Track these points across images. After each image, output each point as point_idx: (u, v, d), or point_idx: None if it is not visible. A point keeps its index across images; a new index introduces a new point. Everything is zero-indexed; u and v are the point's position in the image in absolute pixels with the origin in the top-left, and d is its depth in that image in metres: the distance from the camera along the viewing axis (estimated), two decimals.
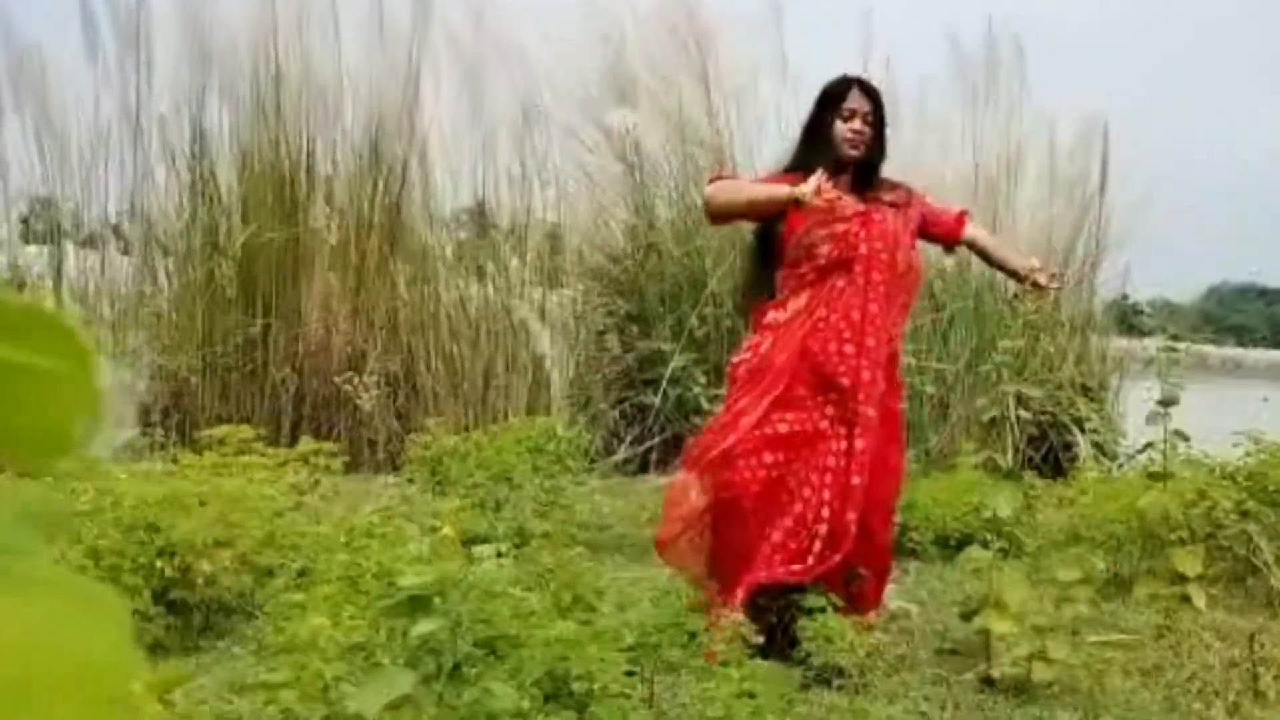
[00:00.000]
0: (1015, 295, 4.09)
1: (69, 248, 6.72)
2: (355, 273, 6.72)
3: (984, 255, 4.35)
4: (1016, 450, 6.56)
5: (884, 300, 3.80)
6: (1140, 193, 7.15)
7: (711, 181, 4.07)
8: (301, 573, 3.25)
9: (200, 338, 6.40)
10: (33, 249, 6.74)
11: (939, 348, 6.91)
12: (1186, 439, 4.66)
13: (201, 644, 3.47)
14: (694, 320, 6.73)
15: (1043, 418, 6.77)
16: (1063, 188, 7.15)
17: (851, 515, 3.68)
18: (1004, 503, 3.69)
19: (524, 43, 7.10)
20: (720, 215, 4.06)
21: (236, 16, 6.83)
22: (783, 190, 3.75)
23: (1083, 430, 6.57)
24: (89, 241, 6.79)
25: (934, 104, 7.29)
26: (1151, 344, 7.51)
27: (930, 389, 6.63)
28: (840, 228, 3.78)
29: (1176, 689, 3.63)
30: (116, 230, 6.77)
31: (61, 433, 0.40)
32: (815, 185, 3.64)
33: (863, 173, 3.88)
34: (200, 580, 3.44)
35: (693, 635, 3.00)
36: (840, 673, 3.49)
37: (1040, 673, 3.50)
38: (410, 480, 4.95)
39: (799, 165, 3.85)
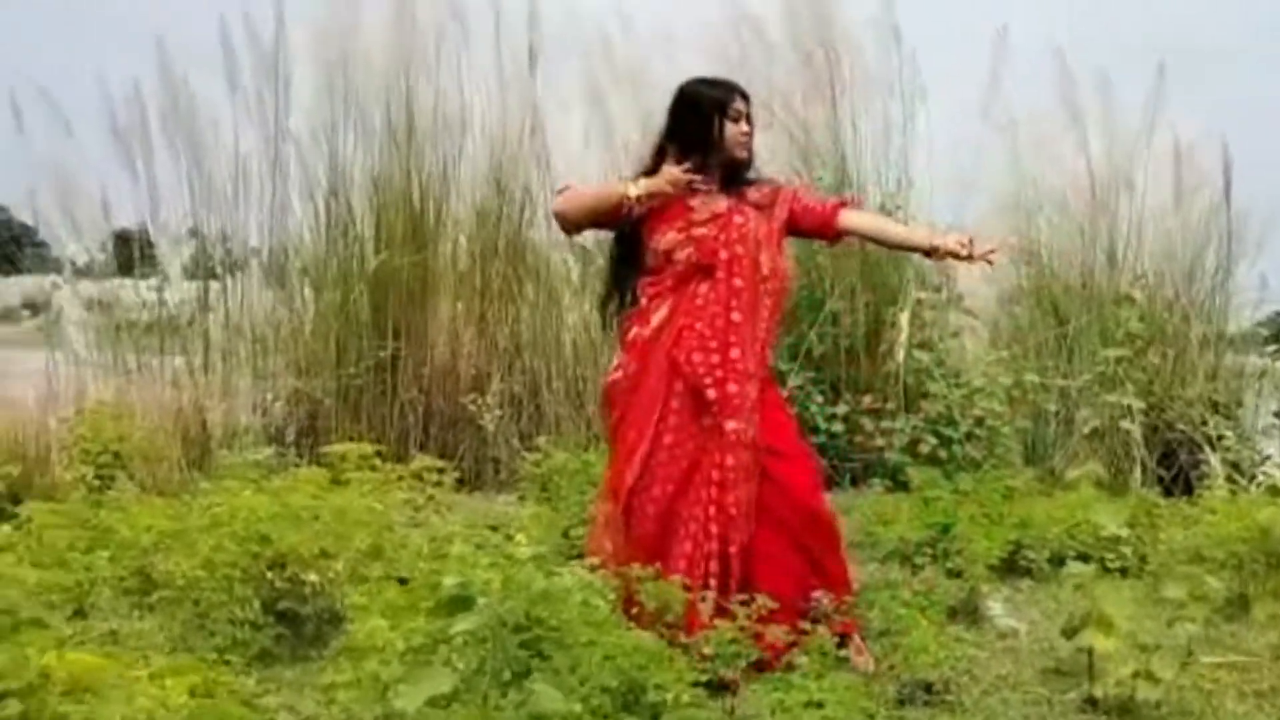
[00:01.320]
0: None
1: (213, 281, 7.01)
2: (480, 297, 6.90)
3: (876, 240, 4.20)
4: (1144, 468, 6.42)
5: (749, 307, 3.70)
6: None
7: (557, 195, 3.99)
8: (402, 582, 3.35)
9: (334, 361, 6.63)
10: (185, 284, 7.05)
11: (1063, 364, 6.78)
12: None
13: (311, 653, 3.60)
14: (812, 338, 6.73)
15: (1172, 435, 6.59)
16: (1184, 196, 6.95)
17: (736, 536, 3.60)
18: (1110, 518, 3.60)
19: (647, 66, 7.18)
20: (570, 226, 3.99)
21: (370, 48, 7.06)
22: (614, 188, 3.73)
23: (1214, 448, 6.35)
24: (231, 271, 7.07)
25: (1047, 119, 7.14)
26: None
27: (1053, 406, 6.51)
28: (699, 231, 3.70)
29: None
30: (257, 260, 7.05)
31: None
32: (670, 176, 3.61)
33: (731, 175, 3.79)
34: (309, 591, 3.57)
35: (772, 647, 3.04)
36: (930, 689, 3.47)
37: (1145, 692, 3.42)
38: (522, 498, 5.06)
39: (658, 164, 3.78)
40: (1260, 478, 6.40)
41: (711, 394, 3.64)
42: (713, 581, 3.59)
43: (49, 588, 3.34)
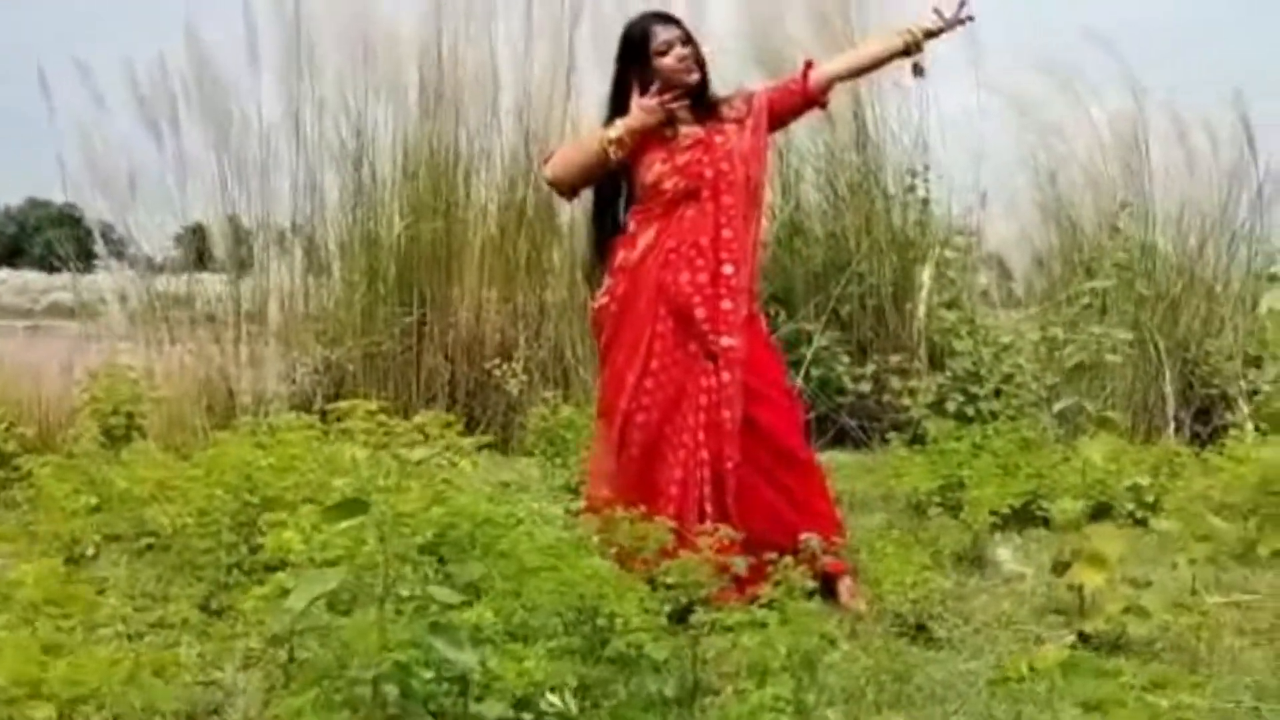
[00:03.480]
0: None
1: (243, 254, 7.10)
2: (507, 264, 6.92)
3: (856, 73, 4.10)
4: (1177, 423, 6.31)
5: (740, 223, 3.68)
6: None
7: (545, 163, 3.97)
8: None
9: (360, 329, 6.70)
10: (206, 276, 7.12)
11: (1098, 316, 6.66)
12: None
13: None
14: (836, 299, 6.68)
15: (1206, 391, 6.46)
16: (1201, 156, 6.82)
17: (730, 452, 3.58)
18: (1097, 451, 3.53)
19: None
20: (565, 189, 3.97)
21: (399, 12, 7.11)
22: (593, 138, 3.70)
23: (1249, 402, 6.22)
24: (264, 247, 7.15)
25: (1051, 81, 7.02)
26: None
27: (1104, 357, 6.40)
28: (682, 158, 3.69)
29: None
30: (284, 232, 7.13)
31: None
32: (644, 106, 3.58)
33: (697, 98, 3.74)
34: None
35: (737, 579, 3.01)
36: (921, 628, 3.44)
37: (1135, 628, 3.36)
38: (530, 453, 5.08)
39: (613, 117, 3.73)
40: None
41: (700, 313, 3.63)
42: (708, 506, 3.58)
43: (42, 536, 3.41)
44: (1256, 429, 5.90)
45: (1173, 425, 6.26)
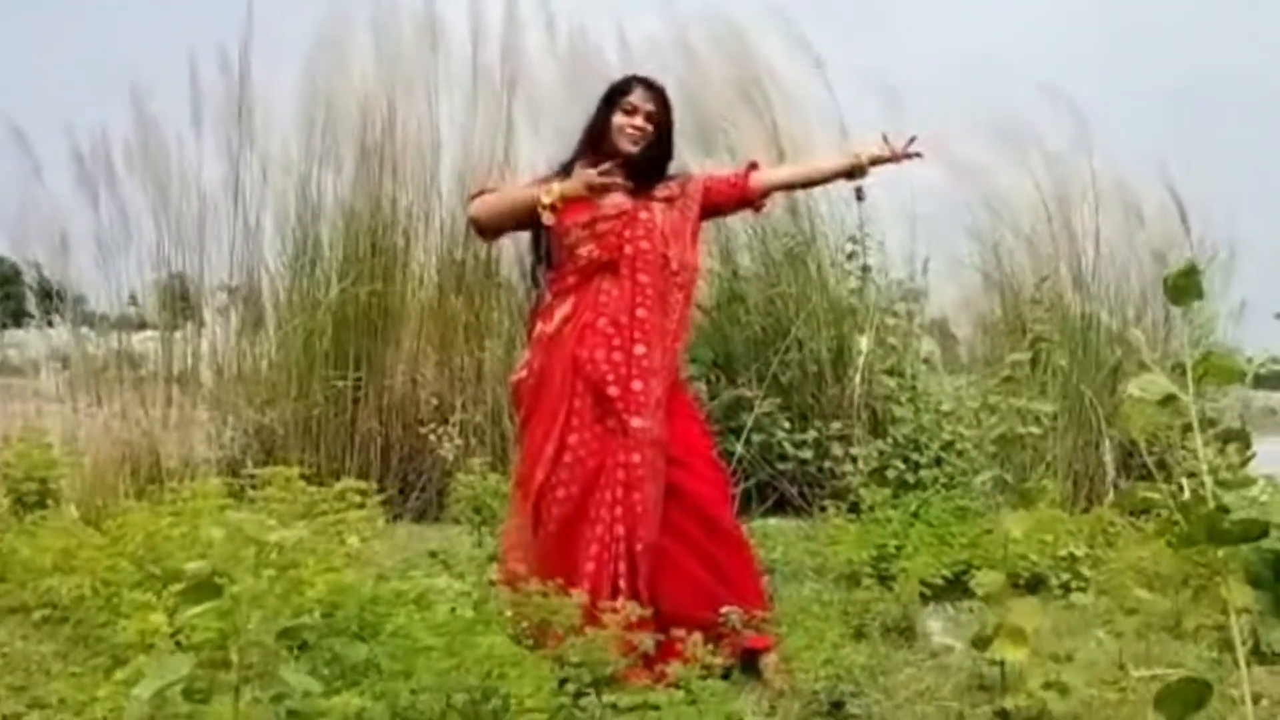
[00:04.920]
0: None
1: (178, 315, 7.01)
2: (444, 326, 6.86)
3: (795, 186, 4.28)
4: (1116, 491, 6.29)
5: (655, 303, 3.64)
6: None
7: (472, 200, 3.94)
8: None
9: (294, 392, 6.60)
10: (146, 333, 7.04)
11: (1032, 386, 6.66)
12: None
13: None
14: (777, 365, 6.65)
15: (1145, 460, 6.45)
16: (1138, 225, 6.89)
17: (642, 533, 3.52)
18: (1016, 525, 3.48)
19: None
20: (488, 231, 3.97)
21: (338, 80, 7.08)
22: (529, 194, 3.66)
23: (1191, 474, 6.21)
24: (197, 307, 7.07)
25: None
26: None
27: (1022, 429, 6.38)
28: (603, 226, 3.65)
29: None
30: (222, 295, 7.05)
31: None
32: (585, 178, 3.54)
33: (641, 172, 3.72)
34: None
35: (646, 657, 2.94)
36: (839, 705, 3.36)
37: (1056, 705, 3.30)
38: (456, 520, 4.99)
39: (571, 161, 3.75)
40: None
41: (614, 391, 3.58)
42: (621, 583, 3.50)
43: None
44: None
45: (1112, 493, 6.24)
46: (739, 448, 6.44)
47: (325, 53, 7.00)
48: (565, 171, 3.76)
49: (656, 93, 3.79)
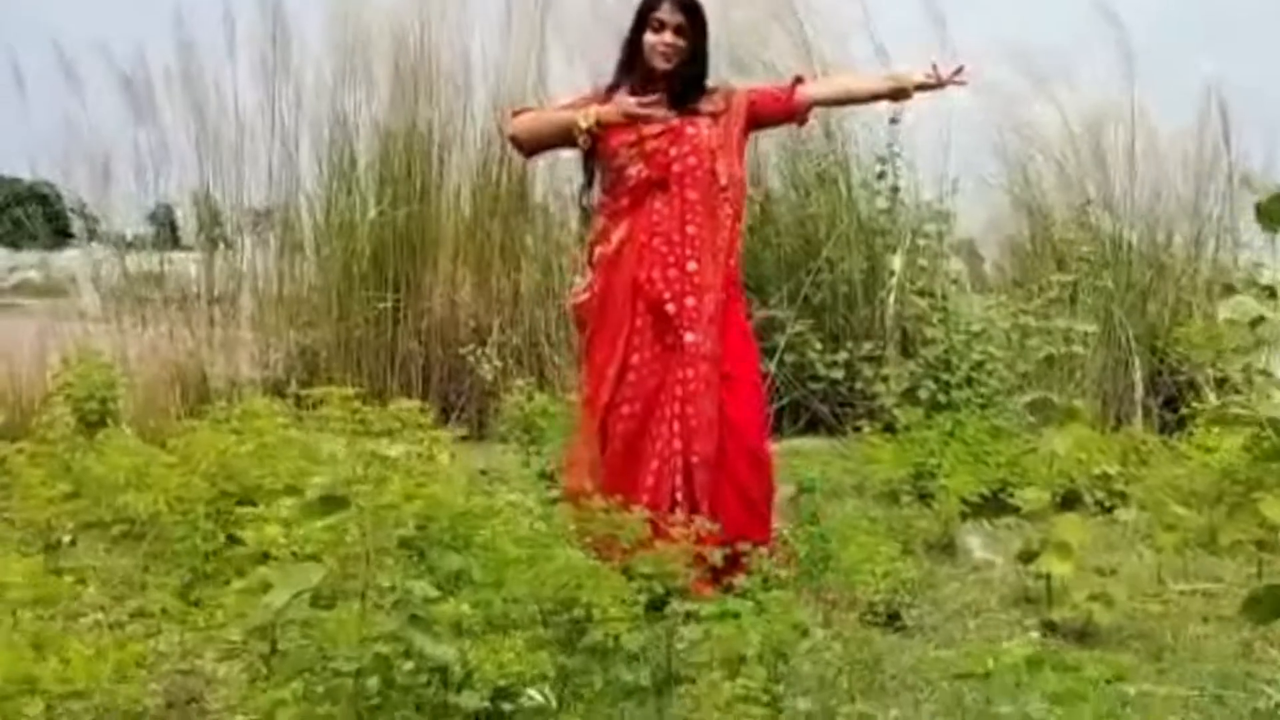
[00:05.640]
0: None
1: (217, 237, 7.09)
2: (481, 249, 6.93)
3: (840, 102, 4.23)
4: (1146, 412, 6.39)
5: (705, 218, 3.66)
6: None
7: (515, 117, 3.97)
8: None
9: (335, 314, 6.69)
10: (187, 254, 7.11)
11: (1067, 307, 6.73)
12: None
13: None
14: (809, 286, 6.72)
15: (1176, 379, 6.54)
16: (1177, 140, 6.89)
17: (698, 447, 3.60)
18: (1059, 443, 3.57)
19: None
20: (528, 148, 4.02)
21: (372, 3, 7.10)
22: (567, 117, 3.71)
23: (1217, 391, 6.30)
24: (237, 229, 7.14)
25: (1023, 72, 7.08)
26: None
27: (1053, 349, 6.46)
28: (650, 145, 3.66)
29: (1255, 635, 3.50)
30: (260, 217, 7.12)
31: None
32: (623, 106, 3.58)
33: (679, 86, 3.72)
34: None
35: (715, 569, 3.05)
36: (892, 616, 3.49)
37: (1102, 617, 3.43)
38: (504, 439, 5.10)
39: (615, 84, 3.77)
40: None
41: (671, 308, 3.64)
42: (679, 495, 3.60)
43: (18, 524, 3.41)
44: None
45: (1141, 413, 6.34)
46: (772, 368, 6.53)
47: None
48: (609, 94, 3.79)
49: (684, 5, 3.74)
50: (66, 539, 3.66)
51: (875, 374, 6.55)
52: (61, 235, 7.27)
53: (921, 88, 3.85)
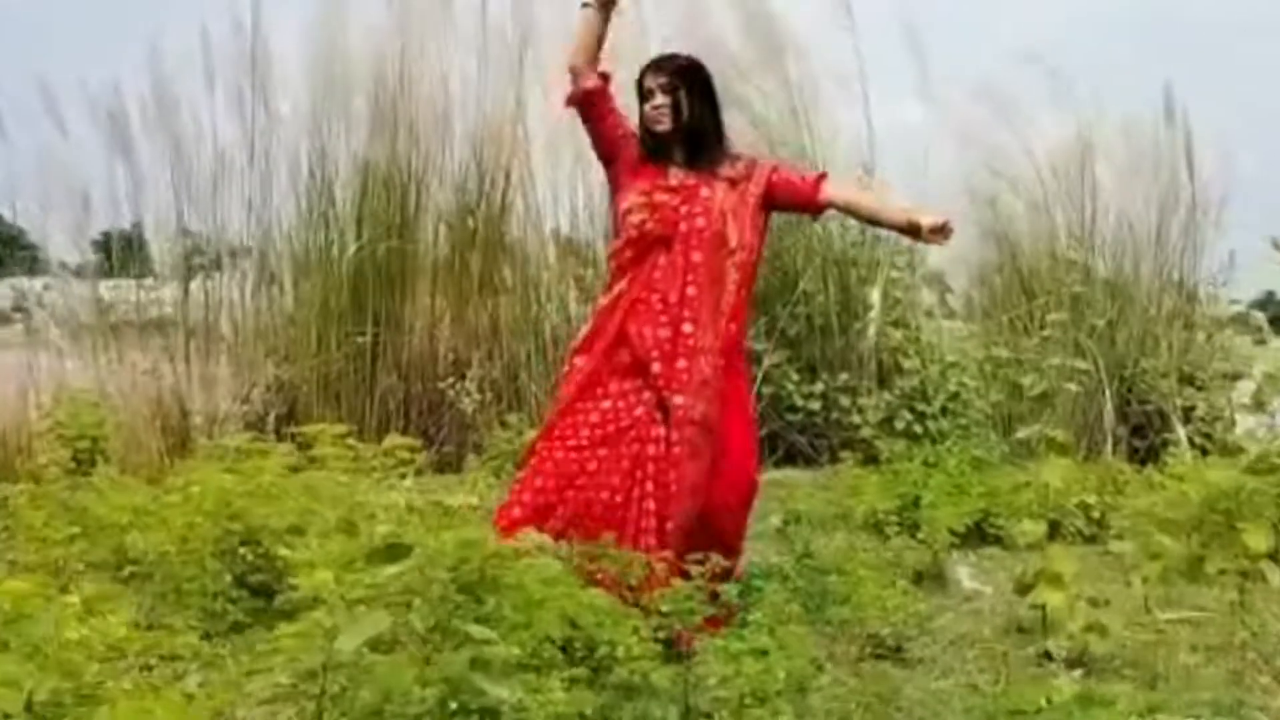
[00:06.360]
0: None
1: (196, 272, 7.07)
2: (460, 282, 6.96)
3: (856, 215, 4.15)
4: (1115, 440, 6.53)
5: (707, 282, 3.61)
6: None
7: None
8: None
9: (314, 348, 6.70)
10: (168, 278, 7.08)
11: (1034, 338, 6.86)
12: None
13: (282, 625, 3.66)
14: (785, 319, 6.81)
15: (1144, 408, 6.69)
16: (1141, 172, 7.06)
17: (675, 510, 3.52)
18: (1055, 475, 3.67)
19: (624, 51, 7.23)
20: (578, 74, 3.78)
21: (356, 36, 7.12)
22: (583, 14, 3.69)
23: (1188, 421, 6.46)
24: (214, 264, 7.13)
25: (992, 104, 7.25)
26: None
27: (1026, 380, 6.59)
28: (660, 198, 3.64)
29: (1245, 664, 3.60)
30: (237, 252, 7.12)
31: None
32: None
33: (692, 146, 3.70)
34: (280, 565, 3.62)
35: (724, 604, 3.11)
36: (897, 649, 3.56)
37: (1097, 646, 3.51)
38: (495, 474, 5.14)
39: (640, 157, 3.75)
40: (1230, 446, 6.51)
41: (656, 368, 3.59)
42: (646, 540, 3.49)
43: (28, 566, 3.41)
44: (1192, 444, 6.14)
45: (1111, 442, 6.47)
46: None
47: (336, 9, 7.02)
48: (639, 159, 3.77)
49: (662, 66, 3.77)
50: (71, 580, 3.65)
51: (852, 404, 6.66)
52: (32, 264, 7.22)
53: (927, 235, 3.70)
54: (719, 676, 2.64)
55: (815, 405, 6.75)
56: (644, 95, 3.74)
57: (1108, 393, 6.49)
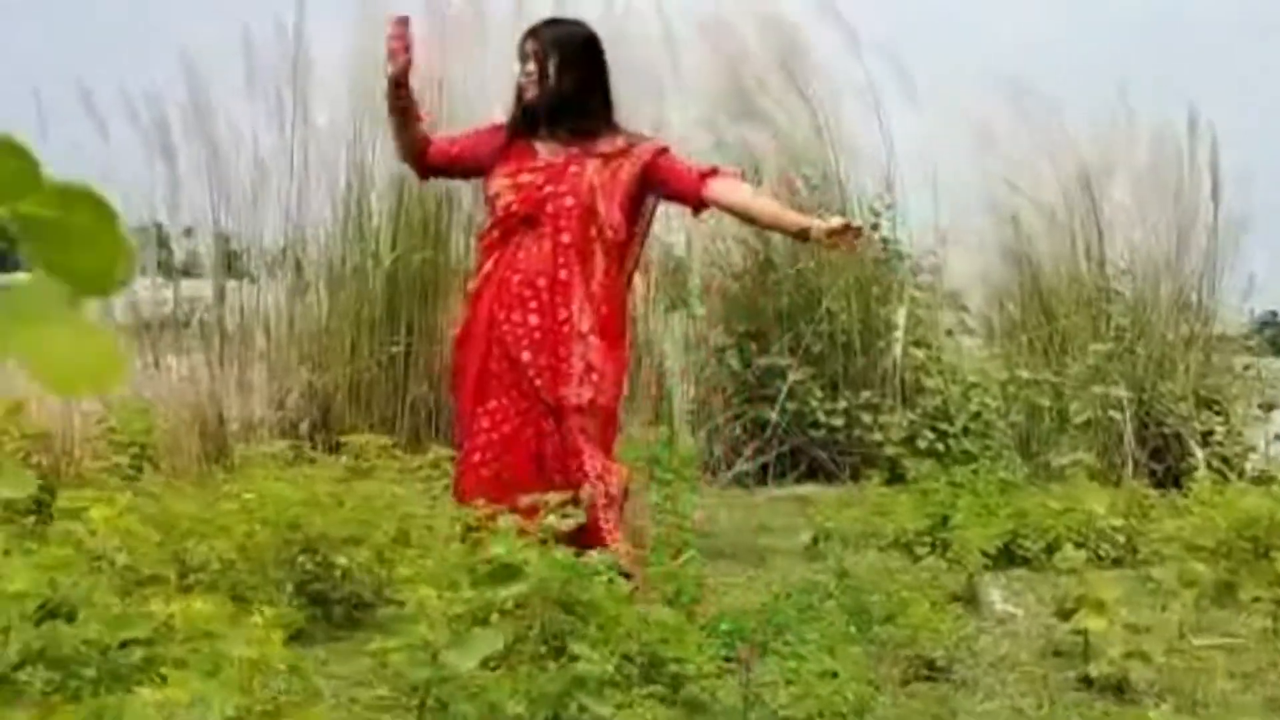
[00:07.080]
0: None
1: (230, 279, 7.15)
2: None
3: (746, 218, 4.03)
4: (1135, 463, 6.61)
5: (579, 265, 3.50)
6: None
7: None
8: None
9: (347, 356, 6.78)
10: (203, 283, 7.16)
11: (1054, 359, 6.95)
12: None
13: (341, 635, 3.74)
14: (809, 335, 6.90)
15: (1161, 430, 6.78)
16: (1162, 194, 7.15)
17: (603, 486, 3.49)
18: (1102, 505, 3.76)
19: (650, 62, 7.32)
20: (413, 166, 3.93)
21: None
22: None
23: (1206, 444, 6.55)
24: (249, 272, 7.22)
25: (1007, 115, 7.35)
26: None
27: (1046, 401, 6.67)
28: (524, 178, 3.54)
29: None
30: (274, 259, 7.20)
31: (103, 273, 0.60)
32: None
33: (558, 117, 3.61)
34: (339, 575, 3.71)
35: (784, 625, 3.21)
36: (934, 667, 3.64)
37: (1138, 672, 3.60)
38: None
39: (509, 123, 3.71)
40: (1248, 471, 6.61)
41: (526, 357, 3.51)
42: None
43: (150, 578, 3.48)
44: (1209, 468, 6.23)
45: (1131, 466, 6.56)
46: (774, 415, 6.71)
47: (375, 22, 7.09)
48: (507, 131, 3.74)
49: (538, 32, 3.70)
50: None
51: (874, 422, 6.75)
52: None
53: (830, 234, 3.54)
54: (789, 696, 2.73)
55: (838, 422, 6.83)
56: (519, 57, 3.69)
57: (1127, 415, 6.58)
